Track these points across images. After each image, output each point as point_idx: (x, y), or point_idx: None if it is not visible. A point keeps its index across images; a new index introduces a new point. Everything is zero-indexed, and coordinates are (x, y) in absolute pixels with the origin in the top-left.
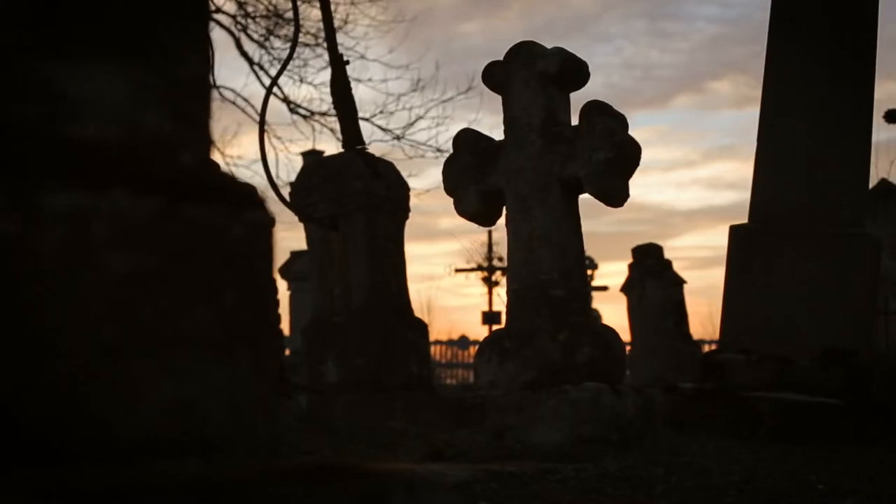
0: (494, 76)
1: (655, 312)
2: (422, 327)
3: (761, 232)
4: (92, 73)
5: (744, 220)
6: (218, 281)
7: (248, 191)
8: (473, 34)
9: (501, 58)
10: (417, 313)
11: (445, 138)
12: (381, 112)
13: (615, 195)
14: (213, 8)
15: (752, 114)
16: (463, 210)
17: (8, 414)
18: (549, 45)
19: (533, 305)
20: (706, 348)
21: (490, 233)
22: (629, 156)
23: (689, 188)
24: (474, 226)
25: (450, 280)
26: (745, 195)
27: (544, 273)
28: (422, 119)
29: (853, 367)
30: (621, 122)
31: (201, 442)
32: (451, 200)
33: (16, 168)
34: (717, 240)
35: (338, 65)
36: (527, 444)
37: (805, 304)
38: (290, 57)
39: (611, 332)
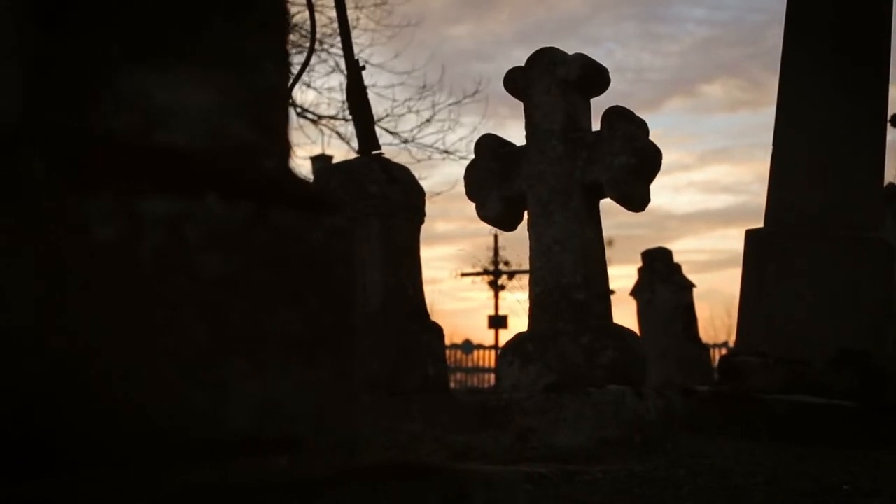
0: (516, 82)
1: (664, 316)
2: (437, 330)
3: (776, 235)
4: (179, 83)
5: (739, 222)
6: (301, 285)
7: (328, 196)
8: (464, 37)
9: (489, 60)
10: None
11: (452, 140)
12: (387, 116)
13: (637, 200)
14: None
15: (746, 117)
16: (485, 215)
17: (117, 414)
18: (541, 48)
19: (555, 309)
20: (711, 352)
21: (496, 237)
22: (650, 161)
23: (685, 192)
24: (474, 230)
25: (449, 283)
26: (741, 198)
27: (566, 277)
28: (429, 122)
29: (867, 369)
30: (642, 127)
31: (288, 441)
32: (448, 204)
33: (118, 174)
34: (715, 243)
35: (354, 69)
36: (550, 446)
37: (820, 307)
38: (305, 64)
39: (632, 335)
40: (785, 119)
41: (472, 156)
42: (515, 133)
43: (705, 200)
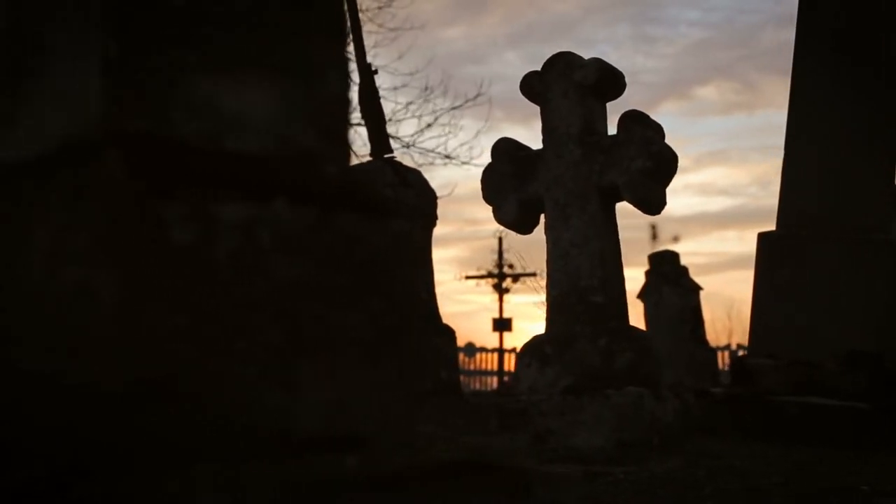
0: (532, 86)
1: (672, 318)
2: (450, 333)
3: (788, 238)
4: (247, 91)
5: (737, 225)
6: (365, 287)
7: (391, 201)
8: (457, 39)
9: (483, 63)
10: None
11: (453, 146)
12: (389, 120)
13: (653, 203)
14: None
15: (741, 119)
16: (502, 218)
17: (194, 412)
18: (534, 50)
19: (572, 311)
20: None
21: (500, 239)
22: (666, 164)
23: (682, 194)
24: (472, 232)
25: (450, 286)
26: (738, 201)
27: (583, 279)
28: (430, 127)
29: (878, 371)
30: (658, 131)
31: (355, 440)
32: (446, 207)
33: (193, 180)
34: (712, 246)
35: (366, 74)
36: (568, 447)
37: (830, 309)
38: None
39: (648, 338)
40: (796, 123)
41: (473, 160)
42: (513, 136)
43: (702, 203)
